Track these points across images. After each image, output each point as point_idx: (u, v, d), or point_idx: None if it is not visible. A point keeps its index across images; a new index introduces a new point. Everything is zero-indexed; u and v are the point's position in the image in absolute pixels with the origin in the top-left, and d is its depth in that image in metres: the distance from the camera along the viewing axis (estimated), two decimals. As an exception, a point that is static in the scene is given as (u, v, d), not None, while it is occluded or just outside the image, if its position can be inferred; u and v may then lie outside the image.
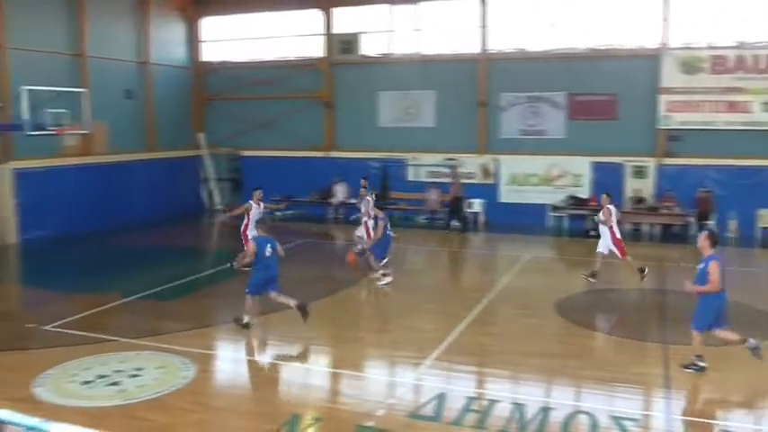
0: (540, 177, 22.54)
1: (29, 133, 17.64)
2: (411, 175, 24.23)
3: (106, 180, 21.85)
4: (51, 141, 20.11)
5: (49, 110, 17.99)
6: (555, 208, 21.96)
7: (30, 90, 17.55)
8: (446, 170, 23.41)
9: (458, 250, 19.88)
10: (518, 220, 21.92)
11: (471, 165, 23.34)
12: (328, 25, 25.19)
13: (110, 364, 9.78)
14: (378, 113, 24.76)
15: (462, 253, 19.60)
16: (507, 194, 22.98)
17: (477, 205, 22.92)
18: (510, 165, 22.91)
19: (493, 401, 8.39)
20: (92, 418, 7.89)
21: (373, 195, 16.62)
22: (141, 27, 24.59)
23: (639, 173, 21.53)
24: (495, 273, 16.95)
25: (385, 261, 15.01)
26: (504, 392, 8.79)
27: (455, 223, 21.99)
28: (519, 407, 8.18)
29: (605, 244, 14.50)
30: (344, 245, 20.34)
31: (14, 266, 18.33)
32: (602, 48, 21.96)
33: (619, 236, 14.50)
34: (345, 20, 25.12)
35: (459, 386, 9.05)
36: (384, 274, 14.63)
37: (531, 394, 8.77)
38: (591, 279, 14.42)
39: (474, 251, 20.03)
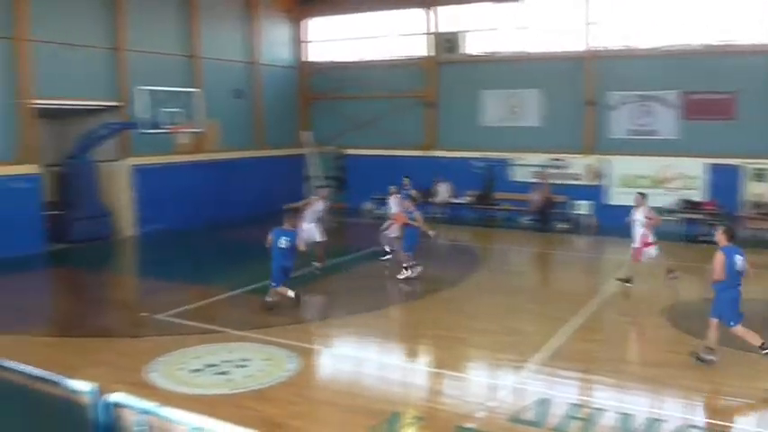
0: (652, 179, 21.62)
1: (145, 131, 18.45)
2: (515, 176, 23.86)
3: (216, 176, 22.62)
4: (166, 139, 21.03)
5: (164, 109, 18.75)
6: (666, 211, 21.04)
7: (146, 90, 18.36)
8: (551, 170, 22.94)
9: (563, 252, 19.42)
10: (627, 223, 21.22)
11: (577, 165, 22.74)
12: (432, 24, 25.16)
13: (218, 353, 10.13)
14: (481, 112, 24.50)
15: (568, 255, 19.11)
16: (616, 196, 22.19)
17: (583, 207, 22.33)
18: (619, 166, 22.13)
19: (598, 410, 8.13)
20: (201, 404, 8.16)
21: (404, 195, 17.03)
22: (250, 29, 25.36)
23: (760, 176, 20.32)
24: (601, 276, 16.46)
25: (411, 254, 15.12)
26: (610, 401, 8.49)
27: (562, 225, 21.67)
28: (625, 417, 7.88)
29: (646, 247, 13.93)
30: (445, 245, 20.27)
31: (131, 258, 19.26)
32: (719, 44, 20.90)
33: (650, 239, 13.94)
34: (449, 18, 25.02)
35: (562, 392, 8.81)
36: (406, 267, 14.79)
37: (639, 404, 8.42)
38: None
39: (580, 254, 19.49)
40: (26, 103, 17.91)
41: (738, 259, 9.38)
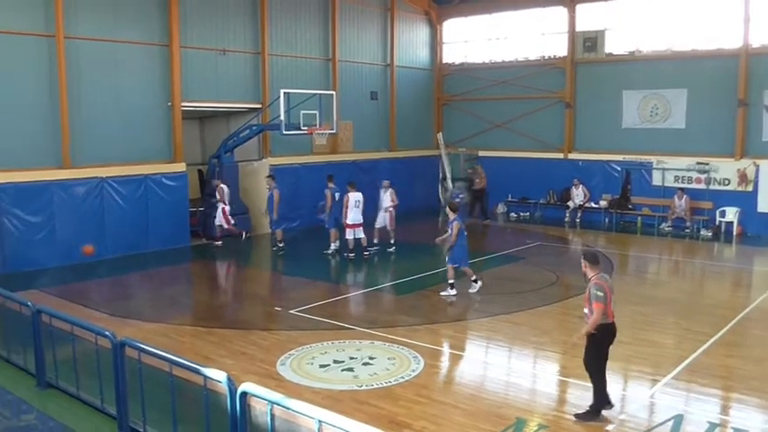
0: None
1: (284, 133, 19.10)
2: (655, 180, 22.79)
3: (350, 177, 22.97)
4: (303, 140, 21.72)
5: (303, 111, 19.31)
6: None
7: (285, 93, 18.99)
8: (696, 174, 21.75)
9: (705, 262, 18.34)
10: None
11: (726, 170, 21.38)
12: (572, 23, 24.48)
13: (346, 350, 10.35)
14: (621, 113, 23.56)
15: (711, 265, 18.01)
16: (767, 203, 20.73)
17: (730, 214, 21.00)
18: (773, 171, 20.63)
19: (738, 430, 7.61)
20: (326, 399, 8.39)
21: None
22: (387, 32, 25.71)
23: None
24: (749, 289, 15.41)
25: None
26: (754, 422, 7.94)
27: (705, 232, 20.60)
28: (771, 439, 7.34)
29: None
30: (581, 249, 19.71)
31: (266, 254, 19.98)
32: None
33: None
34: (590, 16, 24.25)
35: (700, 409, 8.33)
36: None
37: (786, 427, 7.84)
38: None
39: (725, 264, 18.27)
40: (176, 106, 19.05)
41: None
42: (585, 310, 8.05)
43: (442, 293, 13.74)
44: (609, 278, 8.20)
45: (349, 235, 17.40)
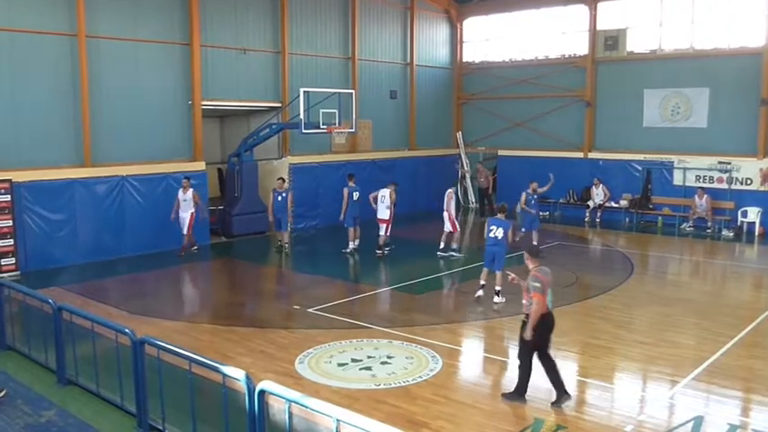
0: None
1: (304, 131, 19.13)
2: (676, 180, 22.59)
3: (371, 176, 23.02)
4: (322, 139, 21.76)
5: (322, 110, 19.34)
6: None
7: (306, 91, 19.02)
8: (718, 174, 21.52)
9: (727, 262, 18.14)
10: None
11: (748, 169, 21.15)
12: (593, 21, 24.31)
13: (364, 349, 10.37)
14: (642, 112, 23.36)
15: (732, 265, 17.80)
16: (790, 203, 20.50)
17: (752, 214, 20.76)
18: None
19: (760, 432, 7.55)
20: (344, 397, 8.41)
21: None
22: (407, 30, 25.68)
23: None
24: (771, 290, 15.24)
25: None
26: (775, 424, 7.86)
27: (727, 233, 20.35)
28: (793, 442, 7.25)
29: None
30: (600, 249, 19.61)
31: (286, 253, 20.07)
32: None
33: None
34: (612, 15, 24.07)
35: (720, 411, 8.26)
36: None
37: (809, 430, 7.74)
38: None
39: (747, 265, 18.05)
40: (196, 105, 19.16)
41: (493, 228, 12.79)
42: (524, 301, 8.41)
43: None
44: (549, 271, 8.50)
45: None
